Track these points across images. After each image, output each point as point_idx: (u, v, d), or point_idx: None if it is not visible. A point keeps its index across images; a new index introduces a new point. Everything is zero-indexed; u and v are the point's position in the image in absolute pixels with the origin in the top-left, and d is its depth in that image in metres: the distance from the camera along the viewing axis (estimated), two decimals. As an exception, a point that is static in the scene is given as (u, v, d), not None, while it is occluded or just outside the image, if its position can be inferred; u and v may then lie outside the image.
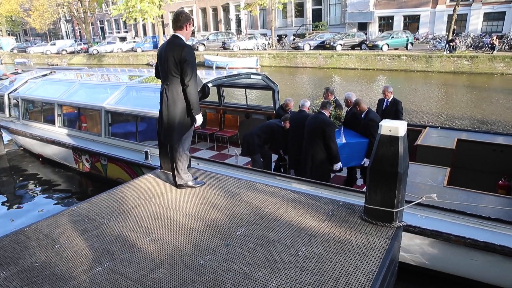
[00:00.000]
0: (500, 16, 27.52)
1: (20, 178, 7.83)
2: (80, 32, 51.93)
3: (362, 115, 5.36)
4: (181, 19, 3.91)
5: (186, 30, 3.94)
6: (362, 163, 5.33)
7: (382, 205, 3.31)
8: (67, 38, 53.26)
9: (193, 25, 3.96)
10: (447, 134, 5.89)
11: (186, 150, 4.26)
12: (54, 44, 43.41)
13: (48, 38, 55.52)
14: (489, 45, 21.44)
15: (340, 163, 5.00)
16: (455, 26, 23.63)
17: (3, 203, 6.70)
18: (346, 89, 17.50)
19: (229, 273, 2.76)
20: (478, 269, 3.50)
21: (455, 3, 23.03)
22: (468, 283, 3.64)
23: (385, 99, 6.24)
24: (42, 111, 8.02)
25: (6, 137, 9.51)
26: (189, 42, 4.00)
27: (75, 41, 47.29)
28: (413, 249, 3.68)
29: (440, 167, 4.66)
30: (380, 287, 2.62)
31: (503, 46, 22.06)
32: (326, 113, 5.04)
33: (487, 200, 3.84)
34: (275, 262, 2.86)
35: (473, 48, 22.41)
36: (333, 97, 6.05)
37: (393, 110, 6.09)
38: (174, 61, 3.81)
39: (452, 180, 4.55)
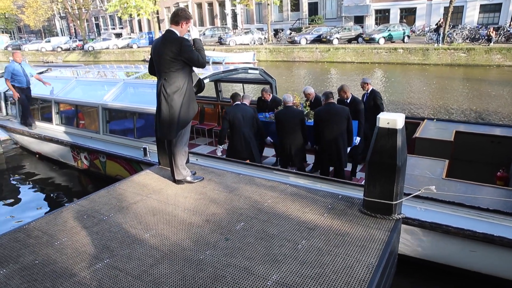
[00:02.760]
0: (496, 8, 27.47)
1: (18, 177, 7.80)
2: (75, 28, 51.55)
3: (348, 101, 5.75)
4: (180, 15, 3.88)
5: (182, 27, 3.91)
6: (355, 142, 5.55)
7: (381, 198, 3.31)
8: (62, 35, 52.81)
9: (189, 26, 3.95)
10: (445, 126, 5.90)
11: (184, 145, 4.25)
12: (49, 41, 43.04)
13: (43, 35, 55.09)
14: (486, 37, 21.43)
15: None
16: (442, 19, 23.63)
17: (1, 202, 6.68)
18: (343, 83, 17.46)
19: (229, 267, 2.76)
20: (478, 260, 3.52)
21: (451, -5, 22.98)
22: (468, 274, 3.67)
23: (366, 92, 6.27)
24: (39, 109, 7.97)
25: (3, 135, 9.46)
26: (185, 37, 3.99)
27: (70, 38, 46.93)
28: (413, 241, 3.70)
29: (439, 160, 4.67)
30: (380, 279, 2.64)
31: (500, 38, 22.06)
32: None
33: (486, 191, 3.85)
34: (275, 256, 2.87)
35: (469, 40, 22.40)
36: (271, 96, 6.65)
37: (371, 100, 6.13)
38: (172, 55, 3.79)
39: (450, 172, 4.56)
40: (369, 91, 6.21)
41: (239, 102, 5.53)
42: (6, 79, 7.61)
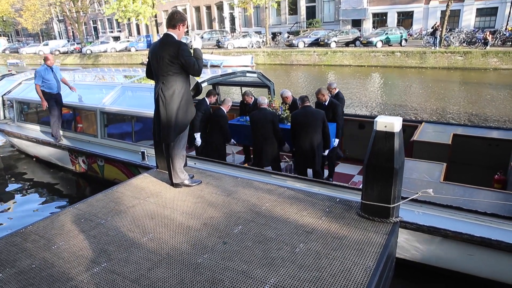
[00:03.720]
0: (492, 12, 27.68)
1: (15, 180, 7.78)
2: (73, 32, 51.53)
3: (326, 103, 5.83)
4: (175, 18, 3.91)
5: (179, 30, 3.94)
6: (333, 144, 5.65)
7: (379, 201, 3.32)
8: (60, 38, 52.82)
9: (186, 27, 3.99)
10: (443, 129, 5.92)
11: (182, 148, 4.24)
12: (47, 45, 43.04)
13: (41, 38, 55.05)
14: (482, 41, 21.57)
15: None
16: (439, 22, 23.80)
17: (-2, 205, 6.65)
18: (340, 86, 17.52)
19: (227, 271, 2.76)
20: (475, 264, 3.52)
21: (448, -1, 23.11)
22: (466, 278, 3.67)
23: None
24: (37, 112, 7.96)
25: (0, 139, 9.44)
26: (183, 41, 4.02)
27: (68, 41, 46.91)
28: (411, 244, 3.71)
29: (437, 163, 4.68)
30: (377, 283, 2.63)
31: (496, 42, 22.20)
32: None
33: (483, 195, 3.86)
34: (273, 259, 2.87)
35: (466, 44, 22.52)
36: (252, 99, 6.69)
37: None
38: (170, 58, 3.80)
39: (448, 176, 4.57)
40: (334, 95, 6.31)
41: (205, 98, 5.96)
42: (37, 85, 6.96)
